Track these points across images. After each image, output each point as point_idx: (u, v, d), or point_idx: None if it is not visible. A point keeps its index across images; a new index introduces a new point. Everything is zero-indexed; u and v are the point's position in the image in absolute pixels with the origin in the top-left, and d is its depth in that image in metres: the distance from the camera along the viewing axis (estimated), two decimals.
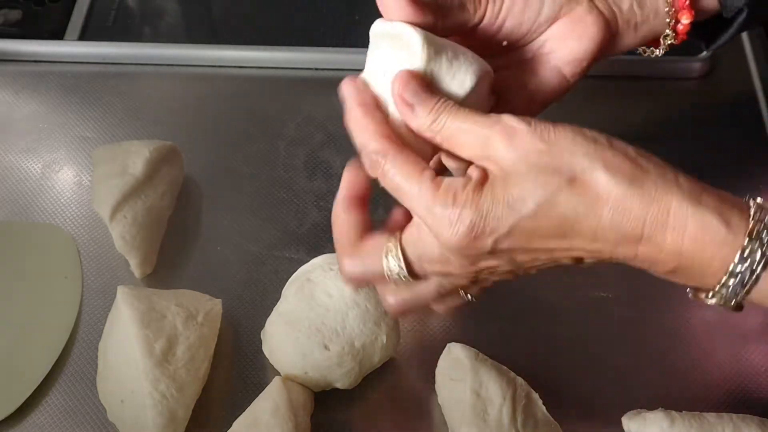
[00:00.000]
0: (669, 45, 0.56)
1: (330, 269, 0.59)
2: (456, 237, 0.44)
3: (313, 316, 0.58)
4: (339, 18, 0.82)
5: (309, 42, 0.79)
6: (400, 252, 0.47)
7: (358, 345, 0.57)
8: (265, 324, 0.61)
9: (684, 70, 0.78)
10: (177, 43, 0.81)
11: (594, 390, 0.61)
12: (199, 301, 0.61)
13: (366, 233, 0.49)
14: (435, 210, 0.44)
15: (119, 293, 0.59)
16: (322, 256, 0.61)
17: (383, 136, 0.46)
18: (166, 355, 0.56)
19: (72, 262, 0.67)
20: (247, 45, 0.80)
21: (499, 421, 0.54)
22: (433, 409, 0.59)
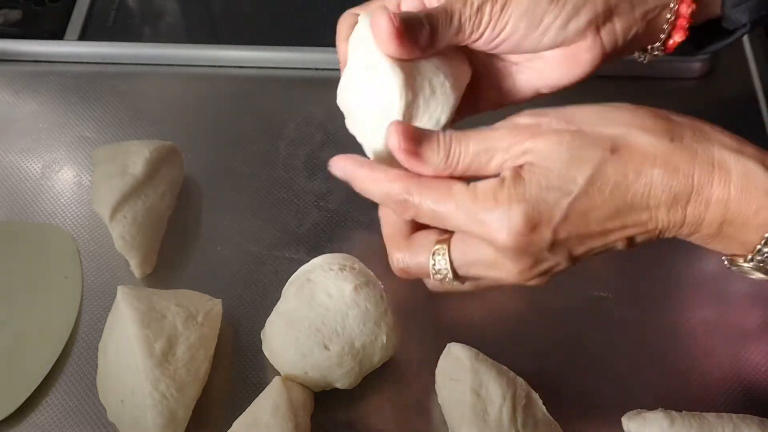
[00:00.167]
0: (655, 55, 0.55)
1: (330, 269, 0.59)
2: (513, 235, 0.43)
3: (313, 316, 0.58)
4: (339, 18, 0.81)
5: (309, 42, 0.79)
6: (448, 255, 0.47)
7: (358, 345, 0.57)
8: (265, 324, 0.61)
9: (684, 70, 0.78)
10: (177, 43, 0.80)
11: (594, 390, 0.60)
12: (199, 301, 0.61)
13: (416, 229, 0.49)
14: (480, 217, 0.43)
15: (119, 293, 0.59)
16: (322, 256, 0.61)
17: (397, 177, 0.46)
18: (166, 355, 0.56)
19: (72, 262, 0.67)
20: (247, 45, 0.80)
21: (499, 421, 0.54)
22: (433, 409, 0.59)
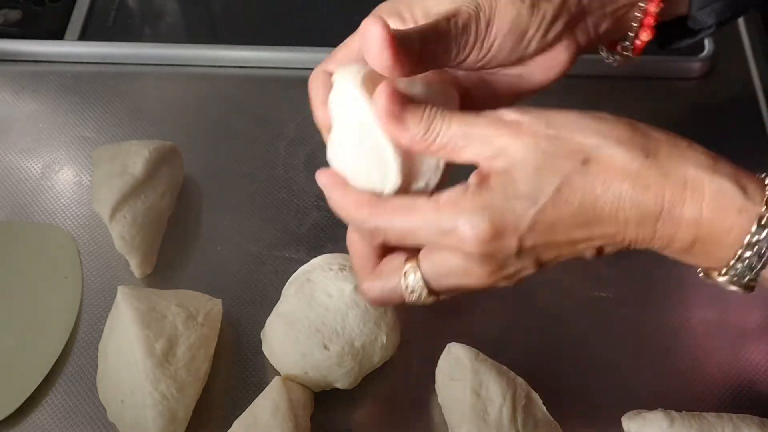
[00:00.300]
0: (625, 55, 0.55)
1: (330, 269, 0.59)
2: (478, 241, 0.42)
3: (313, 316, 0.58)
4: (339, 18, 0.81)
5: (309, 42, 0.79)
6: (419, 273, 0.46)
7: (358, 345, 0.57)
8: (265, 324, 0.60)
9: (684, 70, 0.78)
10: (177, 43, 0.80)
11: (594, 390, 0.60)
12: (200, 301, 0.61)
13: (383, 254, 0.48)
14: (444, 226, 0.43)
15: (119, 293, 0.59)
16: (322, 256, 0.61)
17: (366, 203, 0.45)
18: (166, 356, 0.56)
19: (72, 262, 0.67)
20: (247, 45, 0.80)
21: (499, 421, 0.54)
22: (433, 409, 0.59)
